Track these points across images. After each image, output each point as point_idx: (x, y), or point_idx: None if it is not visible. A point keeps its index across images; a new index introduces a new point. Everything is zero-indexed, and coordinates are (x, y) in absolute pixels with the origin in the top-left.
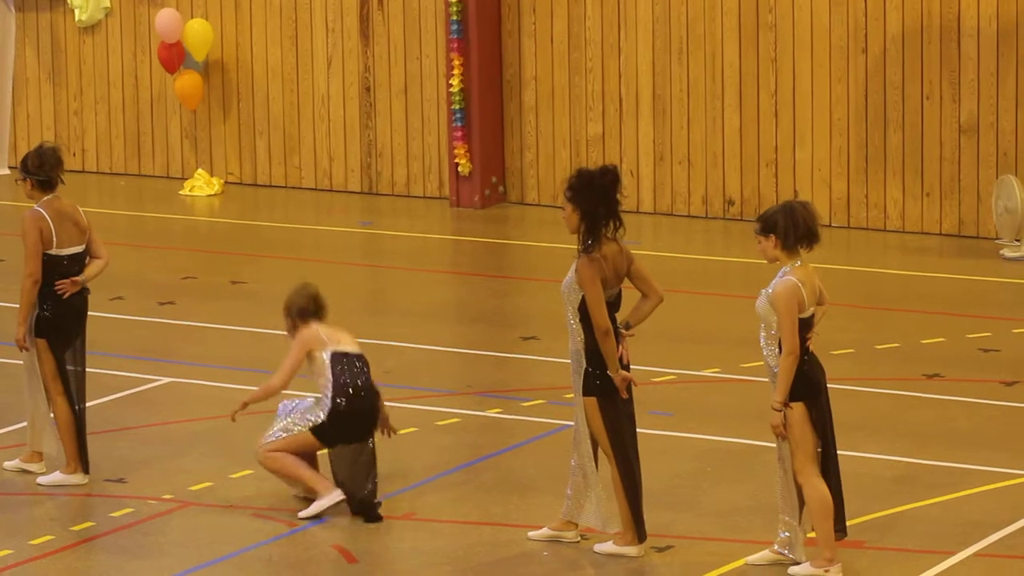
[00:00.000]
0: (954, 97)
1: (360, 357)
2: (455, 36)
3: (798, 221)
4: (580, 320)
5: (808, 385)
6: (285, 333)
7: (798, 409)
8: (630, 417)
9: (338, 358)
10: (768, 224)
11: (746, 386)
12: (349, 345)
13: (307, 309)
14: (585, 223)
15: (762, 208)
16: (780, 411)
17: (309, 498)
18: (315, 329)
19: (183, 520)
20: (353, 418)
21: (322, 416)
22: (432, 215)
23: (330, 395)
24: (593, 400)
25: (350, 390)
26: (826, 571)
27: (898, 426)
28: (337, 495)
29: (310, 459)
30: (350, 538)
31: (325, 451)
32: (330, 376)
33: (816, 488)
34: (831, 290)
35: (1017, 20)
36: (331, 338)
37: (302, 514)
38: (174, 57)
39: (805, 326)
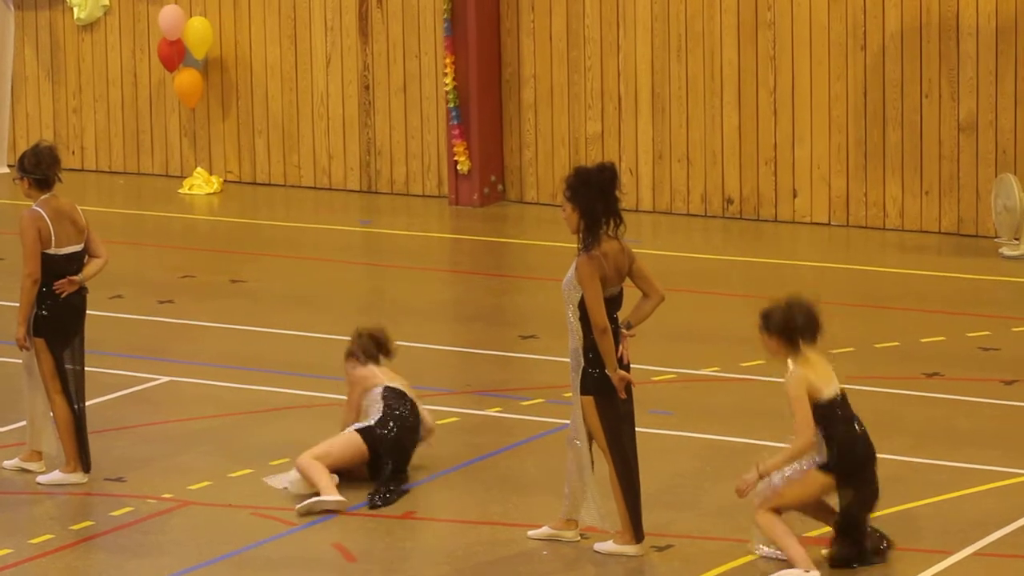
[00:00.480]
0: (953, 95)
1: (411, 401)
2: (447, 34)
3: (795, 317)
4: (580, 318)
5: (850, 464)
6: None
7: (826, 477)
8: (629, 416)
9: (390, 392)
10: (768, 322)
11: (746, 385)
12: (403, 386)
13: (370, 351)
14: (584, 221)
15: (761, 206)
16: (755, 478)
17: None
18: (371, 369)
19: (182, 519)
20: (397, 445)
21: (371, 423)
22: (431, 213)
23: (379, 416)
24: (591, 399)
25: (398, 413)
26: (807, 571)
27: (897, 425)
28: (340, 502)
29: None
30: (349, 537)
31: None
32: (381, 407)
33: (771, 520)
34: (830, 288)
35: (1016, 18)
36: (386, 375)
37: (299, 507)
38: (175, 55)
39: (835, 406)
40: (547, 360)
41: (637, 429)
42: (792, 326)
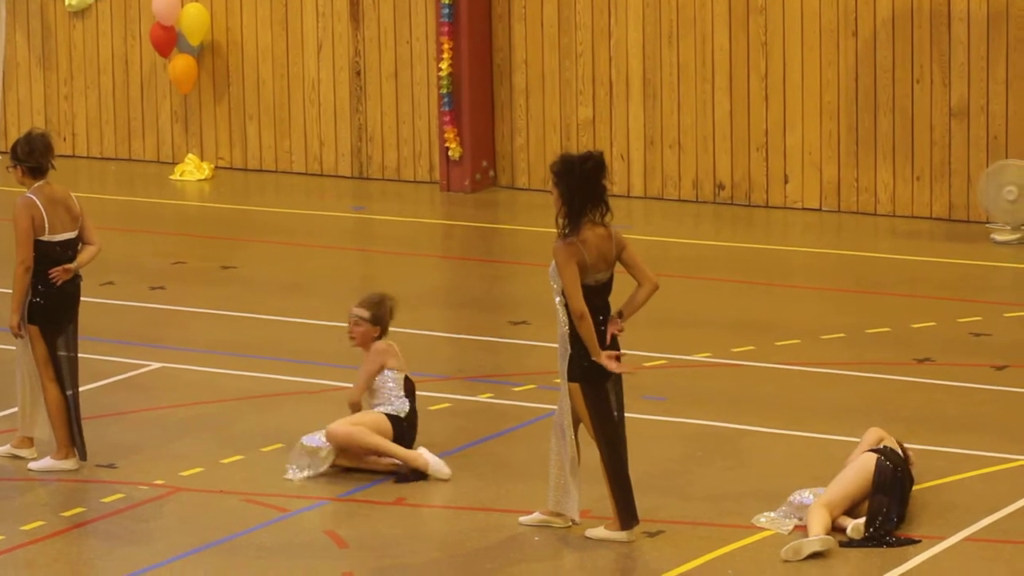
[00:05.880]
0: (944, 81)
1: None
2: (445, 20)
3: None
4: (564, 305)
5: (879, 483)
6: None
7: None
8: (618, 403)
9: (407, 381)
10: None
11: (737, 370)
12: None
13: (387, 324)
14: (564, 208)
15: (753, 192)
16: None
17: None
18: (391, 345)
19: (174, 506)
20: (410, 433)
21: (400, 415)
22: (422, 199)
23: (407, 409)
24: (577, 386)
25: (414, 408)
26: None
27: (889, 410)
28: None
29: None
30: (341, 524)
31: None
32: (401, 395)
33: (817, 516)
34: (822, 274)
35: (1007, 3)
36: (401, 361)
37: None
38: (168, 40)
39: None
40: (538, 346)
41: (628, 415)
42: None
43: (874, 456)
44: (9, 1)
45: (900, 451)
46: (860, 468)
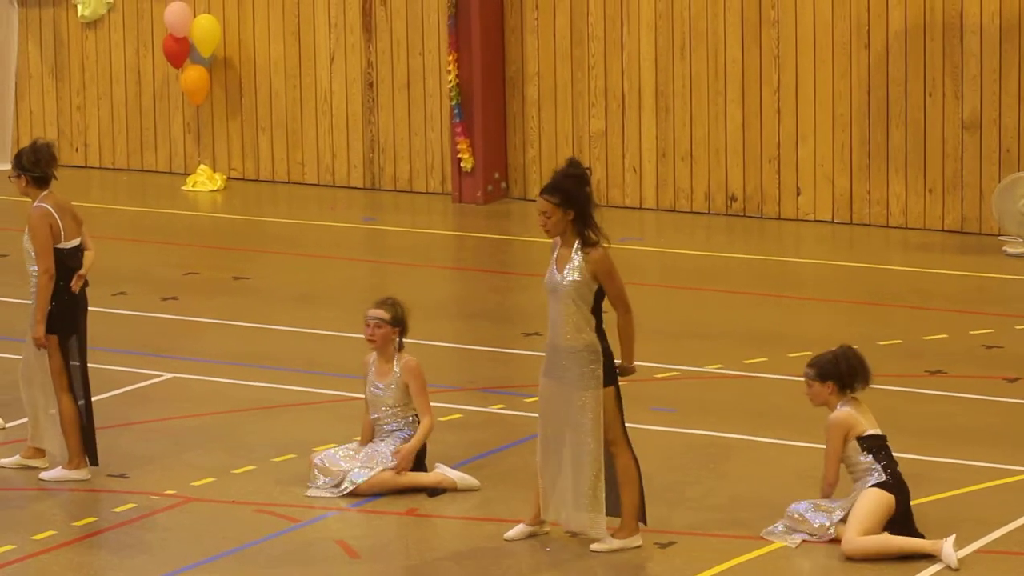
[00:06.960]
0: (957, 93)
1: None
2: (451, 32)
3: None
4: (592, 311)
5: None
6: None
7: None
8: None
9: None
10: (824, 371)
11: (748, 382)
12: None
13: (406, 326)
14: (581, 220)
15: (765, 204)
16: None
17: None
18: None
19: (186, 516)
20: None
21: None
22: (434, 211)
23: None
24: (612, 390)
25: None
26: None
27: (900, 422)
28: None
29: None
30: (353, 533)
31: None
32: (412, 419)
33: (864, 542)
34: (834, 286)
35: (1020, 16)
36: None
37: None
38: (180, 51)
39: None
40: None
41: (641, 425)
42: (849, 377)
43: (891, 497)
44: (22, 12)
45: (885, 441)
46: (883, 509)
